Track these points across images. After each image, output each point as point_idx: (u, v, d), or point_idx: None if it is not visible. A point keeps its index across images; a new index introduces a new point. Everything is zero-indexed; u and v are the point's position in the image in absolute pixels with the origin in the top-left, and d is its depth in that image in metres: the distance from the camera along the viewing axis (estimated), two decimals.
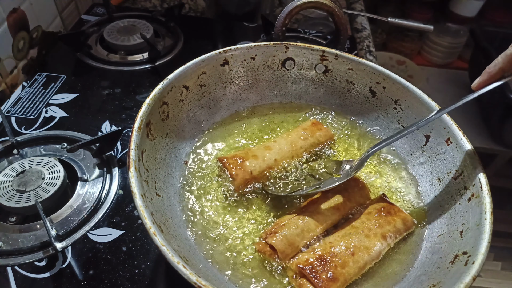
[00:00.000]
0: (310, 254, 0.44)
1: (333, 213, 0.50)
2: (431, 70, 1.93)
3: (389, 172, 0.58)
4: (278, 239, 0.45)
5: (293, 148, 0.57)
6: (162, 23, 1.01)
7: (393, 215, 0.49)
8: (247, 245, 0.48)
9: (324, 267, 0.43)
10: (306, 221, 0.48)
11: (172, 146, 0.55)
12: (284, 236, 0.46)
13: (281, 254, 0.45)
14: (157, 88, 0.51)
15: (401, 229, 0.49)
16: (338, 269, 0.43)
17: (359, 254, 0.45)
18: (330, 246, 0.45)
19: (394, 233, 0.48)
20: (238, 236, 0.49)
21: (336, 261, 0.43)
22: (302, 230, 0.47)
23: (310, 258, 0.43)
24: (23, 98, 0.77)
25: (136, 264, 0.54)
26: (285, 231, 0.46)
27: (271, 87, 0.66)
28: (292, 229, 0.47)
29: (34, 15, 0.86)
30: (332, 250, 0.44)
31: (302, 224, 0.47)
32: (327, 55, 0.62)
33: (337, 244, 0.45)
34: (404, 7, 1.94)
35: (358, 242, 0.45)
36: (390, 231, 0.48)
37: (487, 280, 1.63)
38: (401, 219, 0.49)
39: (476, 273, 0.37)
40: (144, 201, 0.40)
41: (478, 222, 0.43)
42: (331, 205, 0.50)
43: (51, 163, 0.61)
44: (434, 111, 0.53)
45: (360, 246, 0.45)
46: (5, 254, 0.54)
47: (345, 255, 0.44)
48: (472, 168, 0.48)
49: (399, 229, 0.49)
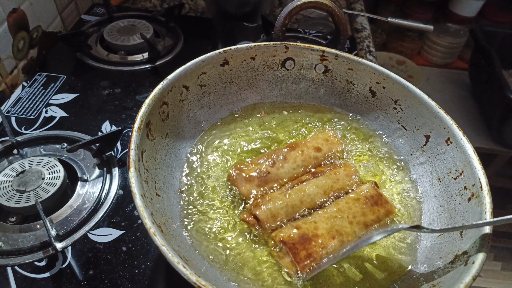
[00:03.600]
0: (293, 230, 0.46)
1: (320, 194, 0.51)
2: (431, 70, 1.93)
3: (388, 172, 0.58)
4: (262, 210, 0.48)
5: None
6: (162, 23, 1.01)
7: (379, 205, 0.51)
8: (248, 245, 0.48)
9: (304, 245, 0.45)
10: (292, 198, 0.50)
11: (172, 146, 0.55)
12: (269, 209, 0.48)
13: (263, 225, 0.47)
14: (157, 88, 0.51)
15: (382, 220, 0.51)
16: (317, 249, 0.45)
17: (339, 239, 0.46)
18: (314, 225, 0.47)
19: (376, 222, 0.50)
20: (238, 236, 0.49)
21: (317, 241, 0.45)
22: (286, 205, 0.49)
23: (292, 234, 0.46)
24: (23, 98, 0.77)
25: (136, 264, 0.54)
26: (270, 205, 0.49)
27: (271, 87, 0.66)
28: (277, 203, 0.49)
29: (34, 15, 0.86)
30: (315, 230, 0.46)
31: (287, 200, 0.49)
32: (327, 55, 0.62)
33: (320, 225, 0.47)
34: (404, 7, 1.94)
35: (341, 227, 0.47)
36: (373, 221, 0.50)
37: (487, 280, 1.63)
38: (385, 210, 0.51)
39: (476, 273, 0.37)
40: (144, 201, 0.40)
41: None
42: (319, 186, 0.52)
43: (51, 163, 0.61)
44: (434, 111, 0.54)
45: (342, 231, 0.47)
46: (5, 254, 0.54)
47: (326, 237, 0.46)
48: (472, 168, 0.48)
49: (381, 219, 0.51)
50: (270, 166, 0.54)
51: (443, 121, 0.53)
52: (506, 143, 1.56)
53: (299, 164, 0.55)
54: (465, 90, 1.76)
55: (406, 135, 0.59)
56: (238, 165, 0.54)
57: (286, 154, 0.55)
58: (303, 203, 0.50)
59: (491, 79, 1.46)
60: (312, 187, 0.51)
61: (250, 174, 0.52)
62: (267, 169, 0.53)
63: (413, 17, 1.89)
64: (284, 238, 0.45)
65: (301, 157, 0.55)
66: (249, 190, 0.52)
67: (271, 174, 0.53)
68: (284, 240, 0.45)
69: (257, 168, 0.53)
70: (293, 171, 0.54)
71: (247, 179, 0.52)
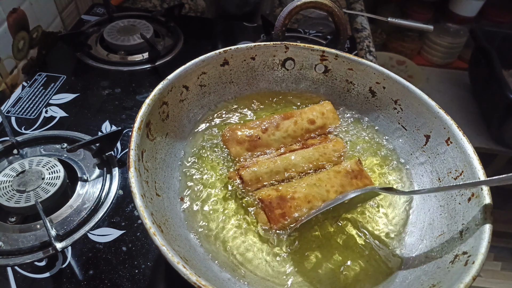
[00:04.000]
0: (273, 191, 0.50)
1: (305, 165, 0.53)
2: (431, 70, 1.92)
3: (388, 171, 0.58)
4: (248, 172, 0.52)
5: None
6: (162, 23, 1.01)
7: (358, 179, 0.53)
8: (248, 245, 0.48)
9: (280, 205, 0.48)
10: (277, 165, 0.53)
11: (172, 146, 0.55)
12: (254, 171, 0.52)
13: (246, 185, 0.51)
14: (157, 88, 0.51)
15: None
16: (291, 209, 0.48)
17: (313, 203, 0.49)
18: (293, 190, 0.50)
19: None
20: (238, 236, 0.49)
21: (293, 203, 0.48)
22: (271, 170, 0.52)
23: (271, 195, 0.49)
24: (23, 98, 0.77)
25: (136, 264, 0.54)
26: (256, 168, 0.52)
27: (271, 87, 0.66)
28: (262, 167, 0.52)
29: (34, 15, 0.86)
30: (292, 194, 0.49)
31: (272, 166, 0.52)
32: (327, 55, 0.62)
33: (299, 190, 0.50)
34: (404, 7, 1.93)
35: (318, 193, 0.50)
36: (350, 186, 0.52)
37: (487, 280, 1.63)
38: (363, 184, 0.53)
39: (476, 273, 0.37)
40: (144, 201, 0.40)
41: (478, 222, 0.43)
42: (305, 157, 0.54)
43: (51, 163, 0.61)
44: (434, 111, 0.54)
45: (318, 197, 0.49)
46: (5, 254, 0.54)
47: (302, 200, 0.49)
48: (472, 168, 0.48)
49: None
50: (262, 131, 0.56)
51: (443, 121, 0.53)
52: (506, 143, 1.56)
53: (290, 134, 0.57)
54: (465, 90, 1.76)
55: (406, 135, 0.59)
56: (233, 126, 0.57)
57: (279, 122, 0.57)
58: (287, 171, 0.53)
59: (491, 79, 1.46)
60: (299, 158, 0.54)
61: (242, 136, 0.55)
62: (259, 134, 0.56)
63: (413, 17, 1.89)
64: (262, 196, 0.49)
65: (293, 127, 0.57)
66: (239, 152, 0.55)
67: (262, 139, 0.56)
68: (262, 198, 0.49)
69: (249, 131, 0.56)
70: (283, 140, 0.57)
71: (238, 141, 0.55)
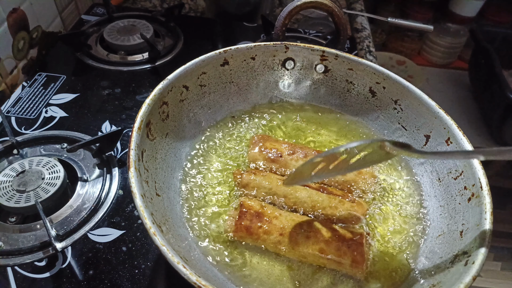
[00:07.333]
0: (257, 204, 0.49)
1: (306, 205, 0.50)
2: (431, 70, 1.92)
3: (388, 171, 0.58)
4: (250, 179, 0.52)
5: None
6: (162, 23, 1.01)
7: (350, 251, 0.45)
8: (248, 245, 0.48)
9: (252, 220, 0.47)
10: (280, 188, 0.51)
11: (172, 146, 0.55)
12: (255, 180, 0.52)
13: (240, 186, 0.52)
14: (157, 88, 0.51)
15: (340, 265, 0.46)
16: (259, 230, 0.47)
17: (285, 240, 0.47)
18: (275, 217, 0.48)
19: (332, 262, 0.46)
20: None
21: (264, 227, 0.47)
22: (270, 189, 0.51)
23: (253, 206, 0.49)
24: (23, 98, 0.77)
25: (136, 264, 0.54)
26: (259, 179, 0.52)
27: (271, 87, 0.66)
28: (265, 182, 0.52)
29: (34, 15, 0.86)
30: (272, 220, 0.48)
31: (276, 187, 0.51)
32: (327, 55, 0.62)
33: (281, 221, 0.48)
34: (404, 7, 1.93)
35: (295, 238, 0.47)
36: (331, 261, 0.46)
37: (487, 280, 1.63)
38: (351, 260, 0.45)
39: (476, 273, 0.37)
40: (144, 201, 0.40)
41: (478, 222, 0.43)
42: (313, 199, 0.50)
43: (51, 163, 0.61)
44: (434, 111, 0.54)
45: (293, 239, 0.47)
46: (5, 254, 0.54)
47: (275, 229, 0.47)
48: (472, 168, 0.48)
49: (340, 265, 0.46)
50: (287, 153, 0.55)
51: (443, 121, 0.53)
52: (506, 143, 1.55)
53: None
54: (465, 90, 1.75)
55: (406, 135, 0.59)
56: (266, 135, 0.59)
57: (307, 155, 0.55)
58: (285, 198, 0.51)
59: (491, 79, 1.46)
60: (305, 193, 0.51)
61: (267, 146, 0.56)
62: (283, 153, 0.55)
63: (413, 17, 1.89)
64: (244, 202, 0.49)
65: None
66: (256, 157, 0.55)
67: (283, 158, 0.55)
68: (243, 203, 0.49)
69: (277, 146, 0.56)
70: None
71: (260, 148, 0.56)
